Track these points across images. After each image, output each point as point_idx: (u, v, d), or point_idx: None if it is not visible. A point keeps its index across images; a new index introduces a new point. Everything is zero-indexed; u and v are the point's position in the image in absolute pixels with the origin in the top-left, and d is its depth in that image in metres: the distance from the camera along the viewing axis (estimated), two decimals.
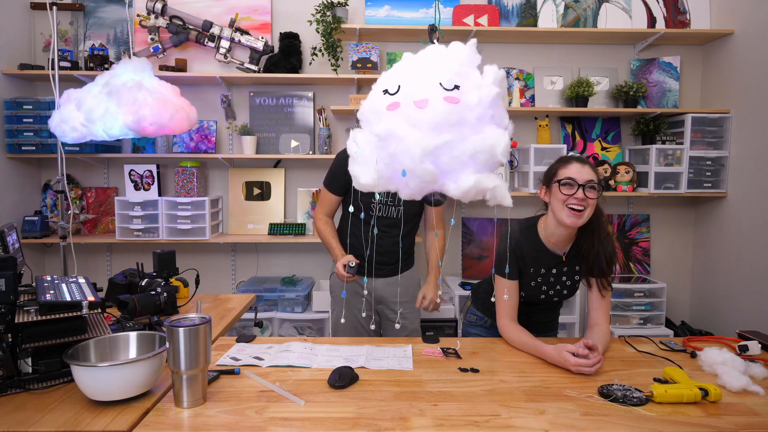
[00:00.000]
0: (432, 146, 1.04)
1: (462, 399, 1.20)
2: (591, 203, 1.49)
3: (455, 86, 1.05)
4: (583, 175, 1.49)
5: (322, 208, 2.13)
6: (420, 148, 1.04)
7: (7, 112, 2.89)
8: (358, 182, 1.18)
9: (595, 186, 1.49)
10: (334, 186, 2.08)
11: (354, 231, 2.01)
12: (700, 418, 1.13)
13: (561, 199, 1.51)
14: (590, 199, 1.49)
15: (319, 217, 2.13)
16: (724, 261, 2.97)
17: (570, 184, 1.49)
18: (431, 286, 2.12)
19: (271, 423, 1.09)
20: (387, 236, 2.03)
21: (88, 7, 3.10)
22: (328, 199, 2.11)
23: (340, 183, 2.06)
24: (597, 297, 1.61)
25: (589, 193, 1.48)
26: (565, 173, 1.51)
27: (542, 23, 3.08)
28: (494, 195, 1.07)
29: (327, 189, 2.10)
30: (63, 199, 2.70)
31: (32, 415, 1.09)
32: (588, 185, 1.48)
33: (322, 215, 2.13)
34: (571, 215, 1.49)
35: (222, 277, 3.28)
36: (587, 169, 1.51)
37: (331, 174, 2.09)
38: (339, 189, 2.08)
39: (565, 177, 1.51)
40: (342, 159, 2.00)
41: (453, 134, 1.05)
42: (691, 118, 2.94)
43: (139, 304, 1.66)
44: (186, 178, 3.05)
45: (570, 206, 1.49)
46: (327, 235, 2.09)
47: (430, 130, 1.04)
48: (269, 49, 3.01)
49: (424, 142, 1.04)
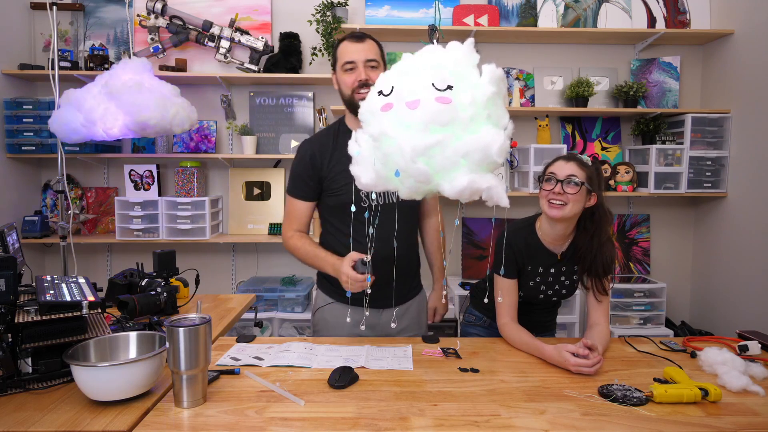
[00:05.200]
0: (423, 146, 1.04)
1: (462, 399, 1.20)
2: (571, 198, 1.50)
3: (448, 86, 1.05)
4: (564, 170, 1.51)
5: (291, 222, 1.70)
6: (411, 147, 1.04)
7: (7, 112, 2.89)
8: (359, 182, 1.18)
9: (576, 182, 1.49)
10: (302, 190, 1.68)
11: (354, 237, 1.58)
12: (700, 418, 1.13)
13: (543, 195, 1.55)
14: (569, 194, 1.49)
15: (290, 235, 1.69)
16: (724, 261, 2.97)
17: (550, 179, 1.52)
18: (440, 296, 1.91)
19: (271, 423, 1.09)
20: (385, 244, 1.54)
21: (88, 7, 3.10)
22: (298, 209, 1.69)
23: (309, 185, 1.67)
24: (595, 299, 1.61)
25: (567, 188, 1.49)
26: (549, 170, 1.56)
27: (542, 23, 3.08)
28: (490, 195, 1.07)
29: (294, 197, 1.69)
30: (63, 199, 2.71)
31: (32, 415, 1.09)
32: (567, 180, 1.50)
33: (294, 231, 1.69)
34: (552, 208, 1.52)
35: (222, 277, 3.28)
36: (570, 165, 1.52)
37: (296, 177, 1.69)
38: (310, 193, 1.68)
39: (548, 173, 1.54)
40: (304, 155, 1.67)
41: (445, 134, 1.05)
42: (691, 118, 2.94)
43: (139, 304, 1.65)
44: (186, 178, 3.05)
45: (550, 200, 1.52)
46: (308, 247, 1.65)
47: (421, 130, 1.05)
48: (269, 49, 3.01)
49: (415, 141, 1.04)
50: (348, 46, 1.62)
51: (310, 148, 1.68)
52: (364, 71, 1.60)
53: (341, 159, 1.62)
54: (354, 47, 1.61)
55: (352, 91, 1.60)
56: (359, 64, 1.60)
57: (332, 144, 1.67)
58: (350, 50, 1.61)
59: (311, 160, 1.66)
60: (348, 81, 1.61)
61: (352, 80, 1.60)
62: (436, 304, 1.91)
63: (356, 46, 1.61)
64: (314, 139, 1.73)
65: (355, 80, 1.60)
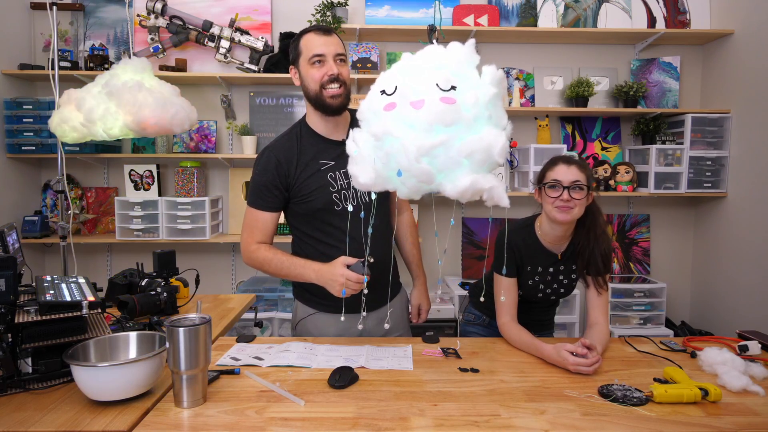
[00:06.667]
0: (427, 146, 1.04)
1: (462, 399, 1.20)
2: (578, 203, 1.51)
3: (452, 87, 1.06)
4: (569, 176, 1.51)
5: (254, 235, 1.57)
6: (416, 147, 1.04)
7: (7, 112, 2.89)
8: (357, 182, 1.17)
9: (582, 186, 1.51)
10: (267, 201, 1.56)
11: (329, 242, 1.56)
12: (700, 418, 1.13)
13: (549, 201, 1.54)
14: (576, 200, 1.50)
15: (254, 248, 1.56)
16: (724, 261, 2.97)
17: (555, 186, 1.52)
18: (423, 292, 1.83)
19: (271, 423, 1.09)
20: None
21: (88, 7, 3.10)
22: (263, 220, 1.57)
23: (275, 195, 1.55)
24: (595, 296, 1.61)
25: (574, 193, 1.50)
26: (551, 175, 1.54)
27: (542, 23, 3.08)
28: (491, 195, 1.08)
29: (258, 208, 1.56)
30: (63, 199, 2.70)
31: (32, 415, 1.09)
32: (573, 186, 1.50)
33: (258, 244, 1.57)
34: (561, 211, 1.52)
35: (222, 277, 3.28)
36: (573, 170, 1.52)
37: (260, 187, 1.55)
38: (276, 203, 1.56)
39: (551, 179, 1.54)
40: (268, 164, 1.55)
41: (449, 134, 1.05)
42: (691, 118, 2.94)
43: (139, 304, 1.66)
44: (186, 178, 3.05)
45: (557, 207, 1.52)
46: (282, 257, 1.53)
47: (425, 130, 1.05)
48: (269, 49, 3.01)
49: (419, 141, 1.04)
50: (315, 39, 1.52)
51: (274, 156, 1.55)
52: (335, 65, 1.51)
53: (309, 163, 1.55)
54: (322, 40, 1.51)
55: (321, 86, 1.51)
56: (329, 58, 1.50)
57: (297, 148, 1.57)
58: (318, 43, 1.51)
59: (277, 169, 1.54)
60: (316, 75, 1.51)
61: (321, 74, 1.51)
62: (420, 300, 1.83)
63: (324, 39, 1.52)
64: (277, 146, 1.59)
65: (324, 74, 1.50)
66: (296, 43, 1.57)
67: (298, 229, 1.63)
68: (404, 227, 1.84)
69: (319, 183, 1.30)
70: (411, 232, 1.86)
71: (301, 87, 1.59)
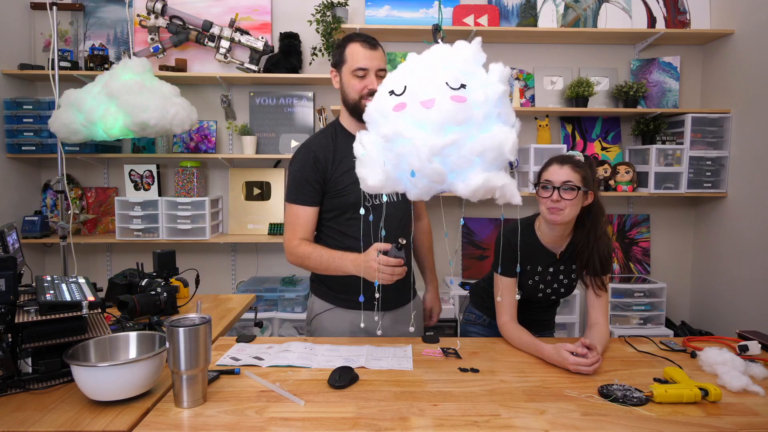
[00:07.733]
0: (440, 146, 1.04)
1: (462, 399, 1.20)
2: (569, 203, 1.51)
3: (461, 85, 1.06)
4: (559, 176, 1.51)
5: (296, 231, 1.61)
6: (428, 147, 1.04)
7: (7, 112, 2.89)
8: (365, 184, 1.17)
9: (573, 186, 1.50)
10: (308, 196, 1.61)
11: (357, 236, 1.56)
12: (700, 418, 1.13)
13: (542, 202, 1.55)
14: (566, 200, 1.50)
15: (296, 244, 1.60)
16: (724, 261, 2.97)
17: (546, 186, 1.53)
18: (435, 296, 1.92)
19: (271, 423, 1.09)
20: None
21: (88, 7, 3.10)
22: (304, 215, 1.61)
23: (316, 189, 1.61)
24: (594, 296, 1.61)
25: (564, 194, 1.50)
26: (544, 176, 1.55)
27: (542, 23, 3.08)
28: (503, 193, 1.08)
29: (298, 203, 1.61)
30: (63, 199, 2.71)
31: (32, 415, 1.09)
32: (563, 186, 1.50)
33: (300, 240, 1.60)
34: (551, 213, 1.53)
35: (222, 277, 3.28)
36: (565, 170, 1.52)
37: (301, 182, 1.61)
38: (316, 197, 1.62)
39: (543, 180, 1.55)
40: (307, 160, 1.61)
41: (460, 133, 1.05)
42: (691, 118, 2.94)
43: (139, 304, 1.66)
44: (186, 178, 3.05)
45: (548, 207, 1.53)
46: (321, 250, 1.57)
47: (437, 129, 1.04)
48: (269, 49, 3.01)
49: (431, 141, 1.04)
50: (361, 51, 1.58)
51: (312, 151, 1.63)
52: (375, 80, 1.58)
53: (343, 159, 1.61)
54: (368, 54, 1.58)
55: (360, 97, 1.59)
56: (371, 72, 1.58)
57: (332, 145, 1.64)
58: (364, 56, 1.58)
59: (315, 164, 1.61)
60: (357, 86, 1.59)
61: (361, 86, 1.58)
62: (433, 303, 1.92)
63: (371, 53, 1.59)
64: (314, 142, 1.67)
65: (364, 87, 1.58)
66: (342, 49, 1.63)
67: (325, 224, 1.67)
68: (421, 233, 1.93)
69: (354, 178, 1.34)
70: (427, 238, 1.96)
71: (339, 90, 1.67)
